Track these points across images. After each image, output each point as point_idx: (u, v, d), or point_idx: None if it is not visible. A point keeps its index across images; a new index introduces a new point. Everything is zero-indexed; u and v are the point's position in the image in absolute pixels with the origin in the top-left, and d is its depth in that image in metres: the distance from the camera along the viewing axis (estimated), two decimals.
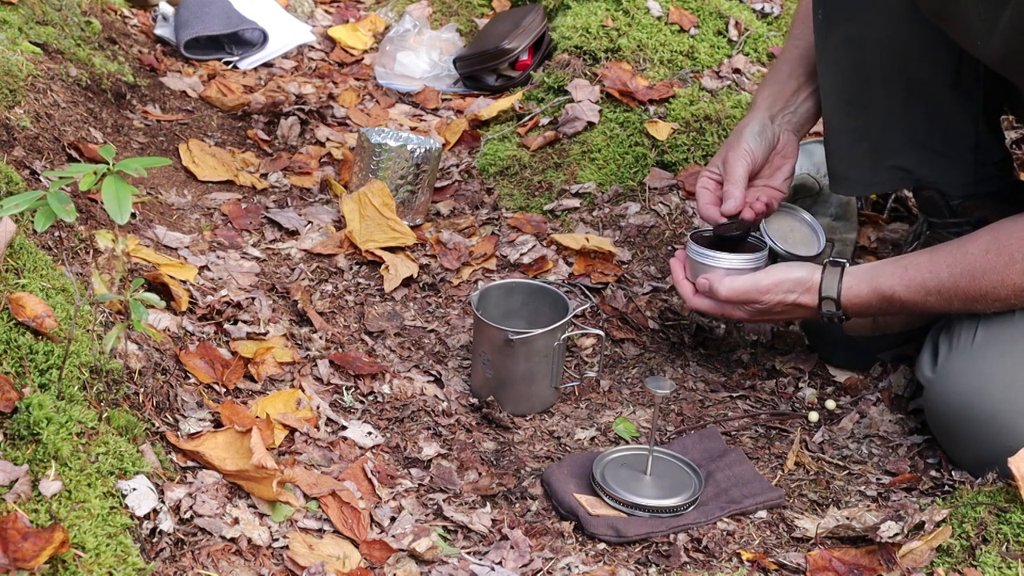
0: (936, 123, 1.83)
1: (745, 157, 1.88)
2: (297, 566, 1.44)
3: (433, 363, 1.95)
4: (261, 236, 2.24)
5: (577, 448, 1.79)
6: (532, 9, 2.91)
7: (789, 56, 1.97)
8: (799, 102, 1.93)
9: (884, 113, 1.82)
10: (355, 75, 3.02)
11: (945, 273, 1.64)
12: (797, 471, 1.74)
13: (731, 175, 1.88)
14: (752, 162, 1.88)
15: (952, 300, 1.64)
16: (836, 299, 1.73)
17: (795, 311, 1.79)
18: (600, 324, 2.06)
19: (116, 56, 2.68)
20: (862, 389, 1.91)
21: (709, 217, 1.88)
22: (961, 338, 1.67)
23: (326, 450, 1.68)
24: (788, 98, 1.93)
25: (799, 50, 1.95)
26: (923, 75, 1.79)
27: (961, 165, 1.86)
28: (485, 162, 2.54)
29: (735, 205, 1.86)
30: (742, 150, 1.88)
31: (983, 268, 1.60)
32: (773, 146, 1.91)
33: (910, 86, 1.80)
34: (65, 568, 1.21)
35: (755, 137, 1.89)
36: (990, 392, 1.60)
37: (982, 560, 1.45)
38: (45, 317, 1.46)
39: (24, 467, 1.28)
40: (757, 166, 1.90)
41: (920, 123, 1.83)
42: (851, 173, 1.87)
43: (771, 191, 1.95)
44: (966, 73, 1.78)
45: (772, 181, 1.95)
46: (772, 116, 1.92)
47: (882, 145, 1.84)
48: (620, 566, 1.53)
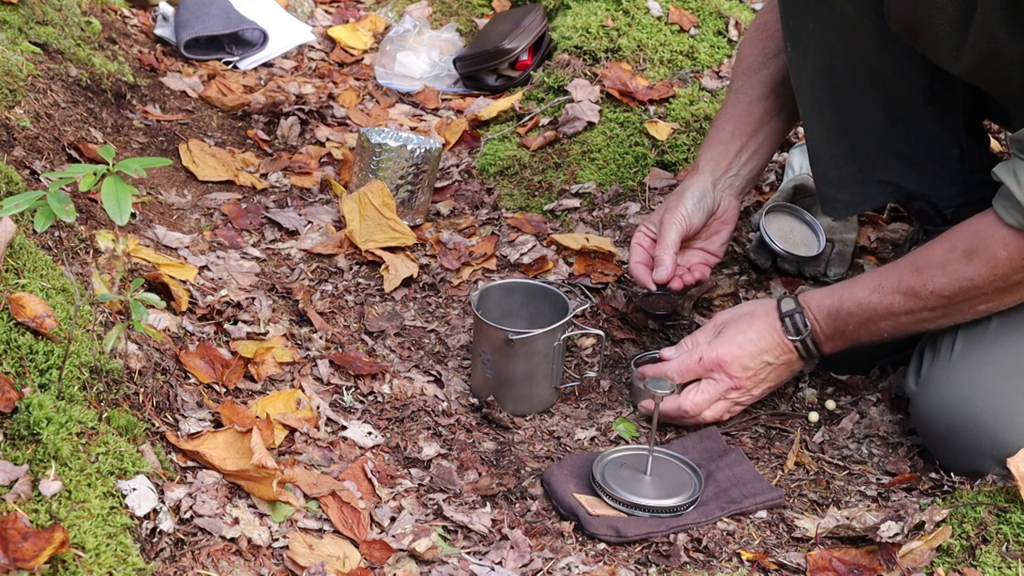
0: (918, 139, 1.83)
1: (681, 223, 1.89)
2: (297, 566, 1.44)
3: (433, 363, 1.95)
4: (261, 236, 2.25)
5: (577, 448, 1.79)
6: (532, 9, 2.91)
7: (731, 113, 1.96)
8: (742, 163, 1.93)
9: (867, 134, 1.82)
10: (355, 75, 3.02)
11: (897, 268, 1.67)
12: (797, 471, 1.74)
13: (663, 239, 1.89)
14: (687, 228, 1.89)
15: (910, 296, 1.64)
16: (805, 329, 1.74)
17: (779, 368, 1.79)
18: (600, 324, 2.06)
19: (116, 56, 2.68)
20: (862, 389, 1.91)
21: (637, 276, 1.90)
22: (941, 351, 1.68)
23: (326, 450, 1.68)
24: (731, 160, 1.93)
25: (741, 105, 1.94)
26: (899, 93, 1.78)
27: (948, 176, 1.86)
28: (485, 162, 2.54)
29: (666, 274, 1.87)
30: (679, 215, 1.89)
31: (926, 259, 1.63)
32: (712, 212, 1.93)
33: (887, 105, 1.79)
34: (65, 568, 1.21)
35: (695, 203, 1.90)
36: (971, 403, 1.61)
37: (982, 560, 1.46)
38: (45, 317, 1.46)
39: (24, 467, 1.28)
40: (693, 231, 1.92)
41: (903, 140, 1.83)
42: (841, 195, 1.87)
43: (706, 255, 1.97)
44: (940, 88, 1.77)
45: (708, 245, 1.97)
46: (715, 180, 1.92)
47: (869, 165, 1.85)
48: (620, 566, 1.53)
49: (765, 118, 1.93)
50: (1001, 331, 1.63)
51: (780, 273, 2.17)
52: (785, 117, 1.95)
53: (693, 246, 1.96)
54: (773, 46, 1.91)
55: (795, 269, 2.16)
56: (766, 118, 1.93)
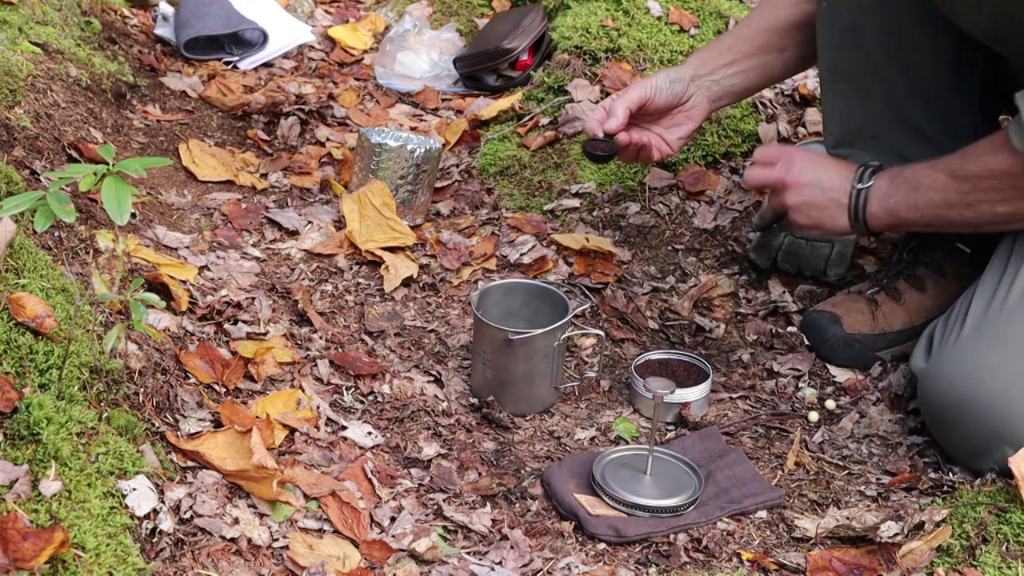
0: (934, 111, 1.84)
1: (645, 89, 1.90)
2: (297, 566, 1.44)
3: (433, 363, 1.95)
4: (261, 236, 2.25)
5: (577, 448, 1.79)
6: (532, 9, 2.91)
7: (735, 32, 2.00)
8: (727, 74, 1.95)
9: (884, 100, 1.84)
10: (355, 75, 3.02)
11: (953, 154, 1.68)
12: (797, 471, 1.74)
13: (622, 95, 1.90)
14: (650, 95, 1.90)
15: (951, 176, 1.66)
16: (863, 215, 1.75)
17: None
18: (600, 324, 2.06)
19: (116, 56, 2.68)
20: (862, 389, 1.91)
21: (589, 129, 1.91)
22: (953, 329, 1.68)
23: (326, 450, 1.68)
24: (718, 67, 1.95)
25: (747, 30, 1.97)
26: (923, 61, 1.80)
27: None
28: (485, 162, 2.54)
29: (616, 124, 1.88)
30: (646, 82, 1.91)
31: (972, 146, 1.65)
32: (680, 100, 1.93)
33: (909, 72, 1.81)
34: (65, 568, 1.21)
35: (666, 80, 1.91)
36: (981, 380, 1.61)
37: (982, 560, 1.46)
38: (45, 317, 1.46)
39: (24, 467, 1.28)
40: (655, 106, 1.92)
41: (920, 112, 1.84)
42: (850, 158, 1.88)
43: (661, 142, 1.97)
44: (965, 57, 1.79)
45: (667, 134, 1.97)
46: (695, 76, 1.94)
47: (880, 129, 1.86)
48: (620, 566, 1.53)
49: (765, 48, 1.95)
50: (1014, 309, 1.64)
51: (780, 273, 2.17)
52: (784, 59, 1.97)
53: (651, 129, 1.97)
54: None
55: (795, 269, 2.16)
56: (766, 49, 1.95)
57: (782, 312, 2.08)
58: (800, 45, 1.95)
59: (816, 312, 1.99)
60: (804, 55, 1.97)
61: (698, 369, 1.91)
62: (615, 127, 1.88)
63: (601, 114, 1.91)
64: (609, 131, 1.89)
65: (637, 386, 1.86)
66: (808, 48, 1.94)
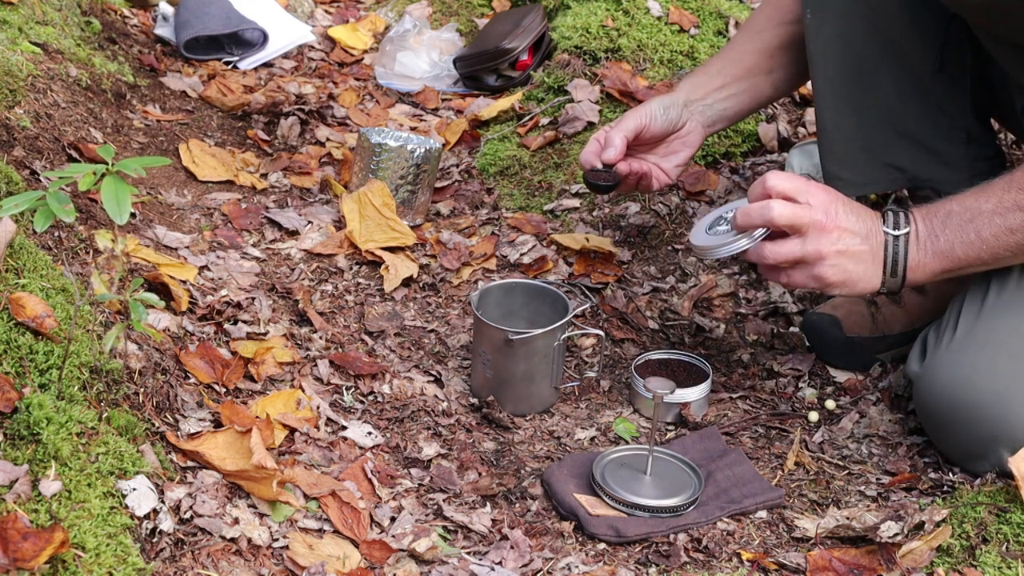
0: (927, 115, 1.83)
1: (641, 116, 1.88)
2: (297, 566, 1.44)
3: (433, 363, 1.95)
4: (261, 236, 2.25)
5: (577, 448, 1.79)
6: (532, 9, 2.91)
7: (722, 56, 1.99)
8: (719, 98, 1.94)
9: (876, 109, 1.83)
10: (355, 75, 3.02)
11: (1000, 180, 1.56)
12: (797, 471, 1.74)
13: (618, 124, 1.88)
14: (645, 124, 1.88)
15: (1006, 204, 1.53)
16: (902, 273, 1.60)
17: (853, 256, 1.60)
18: (600, 324, 2.06)
19: (116, 56, 2.68)
20: (862, 389, 1.91)
21: (585, 161, 1.89)
22: (947, 332, 1.67)
23: (326, 450, 1.68)
24: (710, 92, 1.94)
25: (734, 53, 1.97)
26: (912, 63, 1.79)
27: (954, 161, 1.86)
28: (485, 162, 2.54)
29: (614, 154, 1.86)
30: (641, 111, 1.89)
31: None
32: (676, 127, 1.92)
33: (899, 77, 1.80)
34: (65, 568, 1.21)
35: (660, 108, 1.90)
36: (974, 383, 1.60)
37: (982, 560, 1.46)
38: (45, 317, 1.46)
39: (24, 467, 1.28)
40: (651, 134, 1.90)
41: (911, 116, 1.83)
42: (844, 173, 1.87)
43: (659, 171, 1.95)
44: (950, 56, 1.78)
45: (664, 162, 1.96)
46: (688, 102, 1.93)
47: (875, 144, 1.85)
48: (620, 566, 1.53)
49: (753, 71, 1.95)
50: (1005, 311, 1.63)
51: None
52: (772, 81, 1.96)
53: (648, 158, 1.96)
54: (779, 16, 1.93)
55: None
56: (754, 71, 1.95)
57: (782, 312, 2.09)
58: (786, 66, 1.94)
59: (816, 315, 1.99)
60: (792, 75, 1.96)
61: (698, 369, 1.91)
62: (614, 156, 1.86)
63: (595, 146, 1.89)
64: (608, 161, 1.87)
65: (637, 386, 1.86)
66: (795, 68, 1.94)
